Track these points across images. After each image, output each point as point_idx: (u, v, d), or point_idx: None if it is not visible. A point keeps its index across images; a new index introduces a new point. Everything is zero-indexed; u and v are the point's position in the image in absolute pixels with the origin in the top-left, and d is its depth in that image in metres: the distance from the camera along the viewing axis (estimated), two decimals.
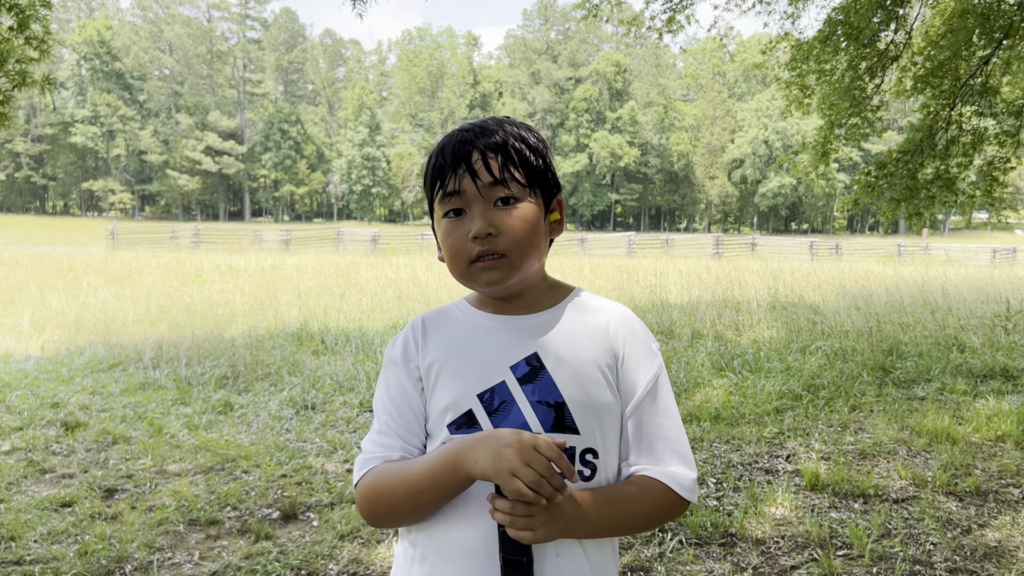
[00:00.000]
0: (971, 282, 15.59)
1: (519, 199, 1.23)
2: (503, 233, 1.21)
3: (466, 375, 1.25)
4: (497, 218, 1.22)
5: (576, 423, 1.23)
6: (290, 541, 3.72)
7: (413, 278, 15.42)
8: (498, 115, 1.33)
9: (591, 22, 10.66)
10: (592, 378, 1.25)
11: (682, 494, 1.25)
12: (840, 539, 3.70)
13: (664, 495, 1.25)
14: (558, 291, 1.35)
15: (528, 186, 1.25)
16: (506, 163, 1.22)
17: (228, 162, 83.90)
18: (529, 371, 1.24)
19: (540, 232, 1.26)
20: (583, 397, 1.24)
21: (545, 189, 1.28)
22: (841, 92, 10.32)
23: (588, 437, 1.24)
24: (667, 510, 1.26)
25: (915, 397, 6.43)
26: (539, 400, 1.23)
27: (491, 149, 1.23)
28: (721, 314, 10.44)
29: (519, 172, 1.23)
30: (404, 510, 1.23)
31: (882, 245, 39.97)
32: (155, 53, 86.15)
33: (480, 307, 1.33)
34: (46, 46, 5.72)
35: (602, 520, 1.21)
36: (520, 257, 1.23)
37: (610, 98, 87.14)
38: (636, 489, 1.25)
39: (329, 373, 7.21)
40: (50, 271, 17.33)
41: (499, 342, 1.27)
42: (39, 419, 5.70)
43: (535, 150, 1.27)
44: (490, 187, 1.21)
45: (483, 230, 1.21)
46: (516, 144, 1.25)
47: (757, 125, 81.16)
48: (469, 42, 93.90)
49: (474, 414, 1.23)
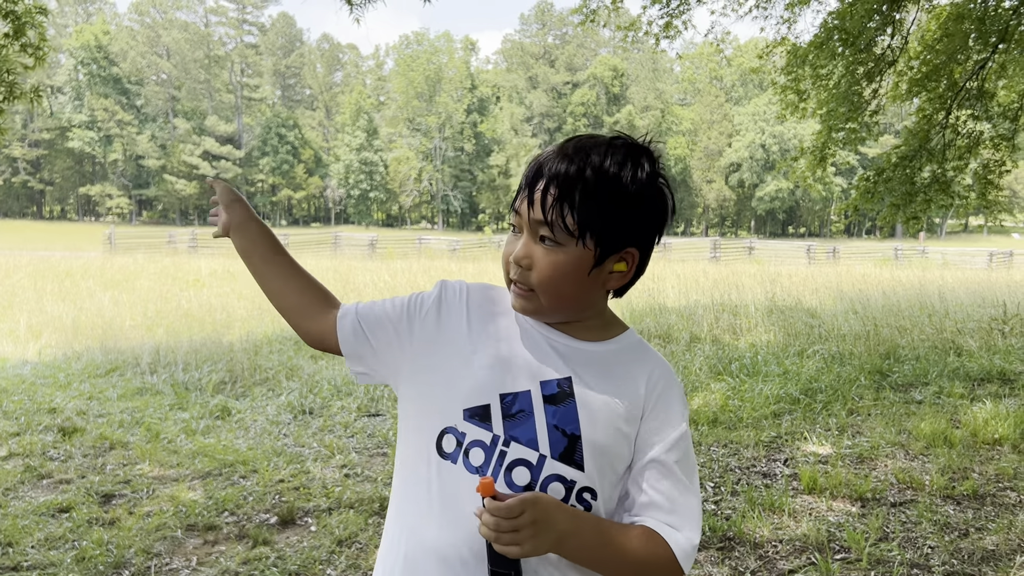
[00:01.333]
0: (968, 286, 15.61)
1: (560, 243, 1.16)
2: (535, 269, 1.18)
3: (498, 368, 1.22)
4: (536, 253, 1.18)
5: (583, 460, 1.19)
6: (288, 546, 3.72)
7: (411, 283, 15.42)
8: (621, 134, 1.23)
9: (588, 27, 10.68)
10: (614, 426, 1.21)
11: (679, 556, 1.17)
12: (838, 543, 3.70)
13: (661, 550, 1.17)
14: (613, 327, 1.30)
15: (578, 234, 1.14)
16: (561, 202, 1.13)
17: (225, 167, 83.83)
18: (558, 393, 1.21)
19: (579, 282, 1.18)
20: (599, 439, 1.20)
21: (609, 237, 1.17)
22: (838, 97, 10.35)
23: (590, 477, 1.20)
24: (661, 566, 1.17)
25: (912, 401, 6.44)
26: (557, 425, 1.20)
27: (556, 182, 1.14)
28: (719, 318, 10.45)
29: (572, 216, 1.13)
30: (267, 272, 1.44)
31: (879, 249, 40.01)
32: (152, 58, 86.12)
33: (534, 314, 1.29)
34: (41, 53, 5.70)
35: (594, 548, 1.15)
36: (548, 299, 1.20)
37: (607, 102, 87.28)
38: (636, 533, 1.18)
39: (327, 378, 7.21)
40: (47, 276, 17.29)
41: (540, 353, 1.24)
42: (36, 424, 5.69)
43: (617, 193, 1.15)
44: (536, 223, 1.17)
45: (518, 259, 1.18)
46: (591, 181, 1.14)
47: (754, 129, 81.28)
48: (467, 47, 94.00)
49: (490, 411, 1.20)
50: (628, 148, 1.19)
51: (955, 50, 9.60)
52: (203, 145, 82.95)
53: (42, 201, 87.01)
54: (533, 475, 1.18)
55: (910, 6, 10.47)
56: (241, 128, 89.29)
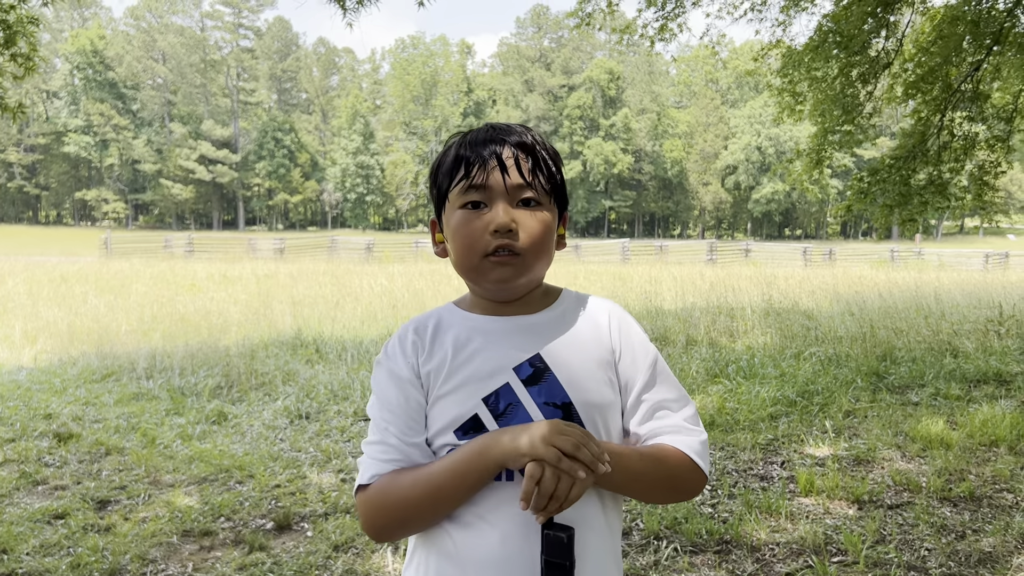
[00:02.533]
0: (964, 287, 15.63)
1: (541, 203, 1.25)
2: (523, 231, 1.22)
3: (469, 380, 1.24)
4: (520, 216, 1.23)
5: (583, 423, 1.23)
6: (284, 552, 3.71)
7: (408, 286, 15.41)
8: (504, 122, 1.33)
9: (584, 30, 10.70)
10: (594, 377, 1.27)
11: (695, 458, 1.27)
12: (835, 545, 3.70)
13: (679, 458, 1.26)
14: (550, 292, 1.36)
15: (549, 194, 1.27)
16: (535, 167, 1.24)
17: (222, 171, 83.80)
18: (533, 372, 1.24)
19: (552, 241, 1.28)
20: (588, 396, 1.25)
21: (560, 201, 1.31)
22: (834, 100, 10.37)
23: (595, 434, 1.23)
24: (684, 471, 1.27)
25: (909, 402, 6.44)
26: (546, 401, 1.22)
27: (522, 149, 1.24)
28: (715, 320, 10.45)
29: (544, 178, 1.25)
30: (420, 513, 1.20)
31: (875, 250, 40.06)
32: (148, 62, 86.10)
33: (472, 310, 1.32)
34: (31, 63, 5.69)
35: (634, 466, 1.21)
36: (534, 259, 1.24)
37: (603, 105, 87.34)
38: (654, 450, 1.26)
39: (323, 382, 7.19)
40: (43, 281, 17.26)
41: (499, 344, 1.26)
42: (31, 430, 5.67)
43: (556, 161, 1.29)
44: (518, 187, 1.23)
45: (505, 225, 1.21)
46: (543, 152, 1.27)
47: (750, 131, 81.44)
48: (463, 50, 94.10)
49: (480, 419, 1.22)
50: (534, 130, 1.32)
51: (950, 52, 9.63)
52: (199, 149, 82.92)
53: (38, 206, 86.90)
54: None
55: (904, 8, 10.50)
56: (237, 132, 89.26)
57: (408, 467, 1.22)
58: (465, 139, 1.27)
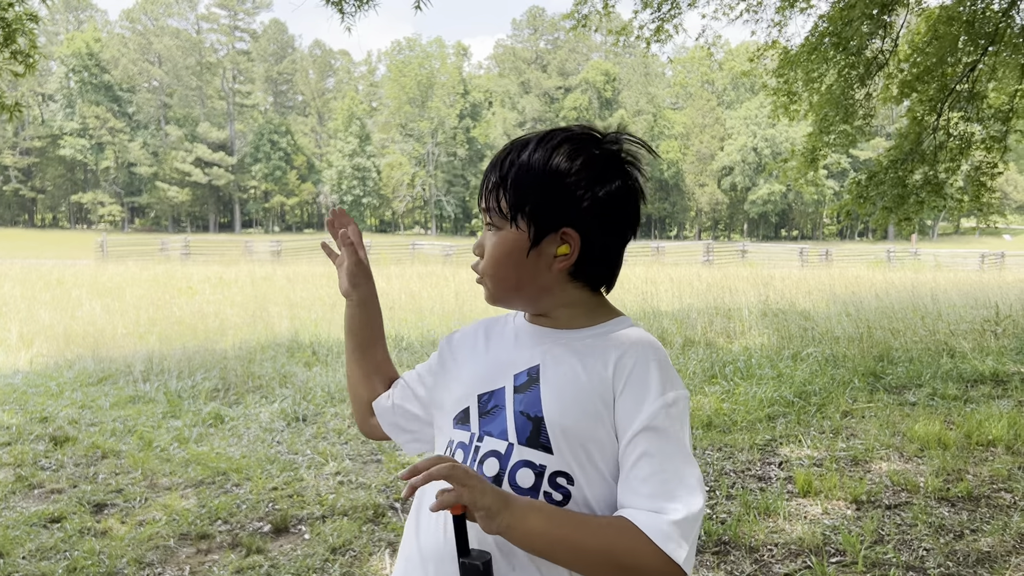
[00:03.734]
0: (960, 287, 15.66)
1: (498, 227, 1.23)
2: (485, 256, 1.25)
3: (478, 374, 1.28)
4: (485, 240, 1.26)
5: (551, 442, 1.15)
6: (281, 555, 3.70)
7: (405, 288, 15.39)
8: (558, 127, 1.28)
9: (580, 32, 10.70)
10: (582, 404, 1.17)
11: (656, 540, 1.05)
12: (833, 546, 3.70)
13: (632, 539, 1.07)
14: (599, 315, 1.27)
15: (510, 215, 1.19)
16: (496, 189, 1.22)
17: (218, 173, 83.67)
18: (526, 381, 1.23)
19: (518, 264, 1.20)
20: (564, 420, 1.16)
21: (543, 218, 1.18)
22: (830, 101, 10.38)
23: (561, 460, 1.15)
24: (634, 557, 1.06)
25: (906, 403, 6.45)
26: (522, 411, 1.20)
27: (495, 171, 1.23)
28: (712, 321, 10.46)
29: (506, 199, 1.20)
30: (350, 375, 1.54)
31: (872, 251, 40.12)
32: (144, 65, 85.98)
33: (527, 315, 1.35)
34: (31, 61, 5.67)
35: (553, 534, 1.08)
36: (492, 283, 1.25)
37: (600, 107, 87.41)
38: (606, 521, 1.11)
39: (320, 384, 7.18)
40: (39, 284, 17.22)
41: (516, 349, 1.28)
42: (28, 434, 5.65)
43: (546, 174, 1.18)
44: (482, 211, 1.25)
45: (474, 248, 1.27)
46: (522, 165, 1.19)
47: (746, 133, 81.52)
48: (459, 52, 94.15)
49: (469, 412, 1.25)
50: (567, 135, 1.22)
51: (945, 52, 9.64)
52: (195, 152, 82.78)
53: (34, 209, 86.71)
54: (502, 464, 1.17)
55: (900, 9, 10.52)
56: (233, 134, 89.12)
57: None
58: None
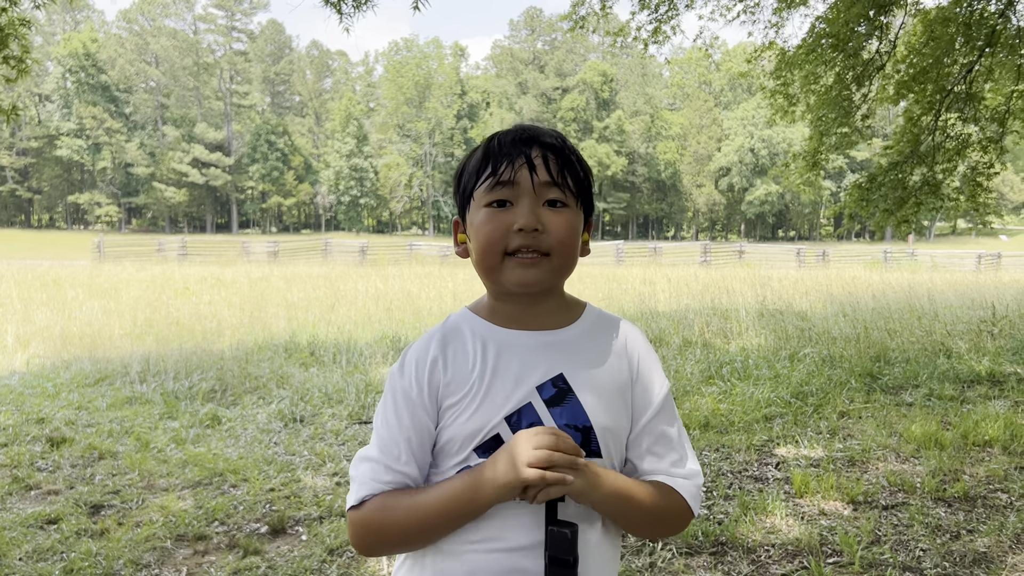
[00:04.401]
0: (957, 288, 15.68)
1: (567, 205, 1.24)
2: (550, 232, 1.21)
3: (492, 397, 1.21)
4: (546, 216, 1.21)
5: (600, 447, 1.23)
6: (279, 556, 3.69)
7: (402, 289, 15.39)
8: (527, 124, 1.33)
9: (578, 33, 10.71)
10: (613, 402, 1.26)
11: (689, 501, 1.29)
12: (830, 546, 3.70)
13: (674, 499, 1.27)
14: (574, 308, 1.33)
15: (577, 196, 1.26)
16: (564, 167, 1.23)
17: (215, 174, 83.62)
18: (556, 393, 1.22)
19: (578, 243, 1.27)
20: (606, 422, 1.24)
21: (587, 205, 1.29)
22: (828, 102, 10.39)
23: (607, 460, 1.25)
24: (676, 512, 1.28)
25: (903, 403, 6.46)
26: (567, 424, 1.21)
27: (551, 150, 1.23)
28: (710, 322, 10.46)
29: (572, 180, 1.24)
30: (408, 540, 1.21)
31: (869, 251, 40.20)
32: (141, 65, 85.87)
33: (493, 320, 1.28)
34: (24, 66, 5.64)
35: (621, 493, 1.21)
36: (560, 259, 1.23)
37: (597, 107, 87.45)
38: (651, 487, 1.26)
39: (318, 385, 7.18)
40: (35, 285, 17.19)
41: (523, 361, 1.23)
42: (24, 435, 5.64)
43: (584, 166, 1.28)
44: (545, 186, 1.21)
45: (531, 224, 1.19)
46: (571, 154, 1.26)
47: (743, 133, 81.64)
48: (456, 53, 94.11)
49: (501, 438, 1.20)
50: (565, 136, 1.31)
51: (942, 53, 9.66)
52: (192, 152, 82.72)
53: (30, 210, 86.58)
54: None
55: (897, 10, 10.53)
56: (230, 135, 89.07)
57: (402, 491, 1.21)
58: (495, 138, 1.27)
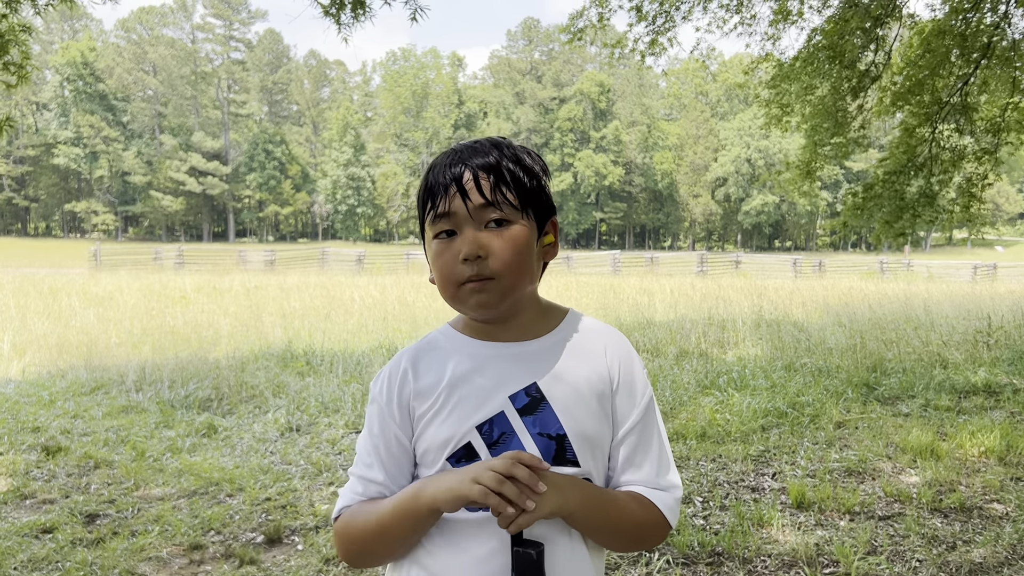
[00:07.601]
0: (953, 298, 15.72)
1: (511, 221, 1.20)
2: (492, 255, 1.18)
3: (463, 406, 1.22)
4: (487, 240, 1.18)
5: (576, 455, 1.21)
6: (275, 565, 3.69)
7: (399, 298, 15.39)
8: (492, 136, 1.30)
9: (575, 44, 10.75)
10: (591, 409, 1.24)
11: (667, 514, 1.25)
12: (826, 556, 3.70)
13: (651, 512, 1.24)
14: (552, 315, 1.31)
15: (520, 208, 1.21)
16: (498, 184, 1.19)
17: (212, 183, 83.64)
18: (529, 402, 1.21)
19: (531, 255, 1.23)
20: (583, 429, 1.22)
21: (539, 211, 1.25)
22: (823, 113, 10.44)
23: (585, 469, 1.22)
24: (653, 525, 1.25)
25: (899, 413, 6.47)
26: (540, 432, 1.20)
27: (483, 169, 1.19)
28: (706, 332, 10.47)
29: (511, 193, 1.20)
30: (375, 548, 1.24)
31: (865, 262, 40.29)
32: (139, 74, 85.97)
33: (470, 333, 1.28)
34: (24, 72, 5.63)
35: (596, 509, 1.19)
36: (509, 280, 1.19)
37: (594, 118, 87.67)
38: (628, 498, 1.24)
39: (314, 394, 7.17)
40: (31, 293, 17.16)
41: (496, 371, 1.23)
42: (19, 443, 5.63)
43: (529, 171, 1.24)
44: (481, 208, 1.18)
45: (472, 252, 1.17)
46: (509, 165, 1.21)
47: (739, 144, 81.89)
48: (454, 62, 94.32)
49: (473, 446, 1.20)
50: (513, 143, 1.28)
51: (937, 65, 9.71)
52: (190, 161, 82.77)
53: (27, 218, 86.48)
54: None
55: (892, 23, 10.59)
56: (228, 144, 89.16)
57: (370, 501, 1.25)
58: (432, 167, 1.24)
